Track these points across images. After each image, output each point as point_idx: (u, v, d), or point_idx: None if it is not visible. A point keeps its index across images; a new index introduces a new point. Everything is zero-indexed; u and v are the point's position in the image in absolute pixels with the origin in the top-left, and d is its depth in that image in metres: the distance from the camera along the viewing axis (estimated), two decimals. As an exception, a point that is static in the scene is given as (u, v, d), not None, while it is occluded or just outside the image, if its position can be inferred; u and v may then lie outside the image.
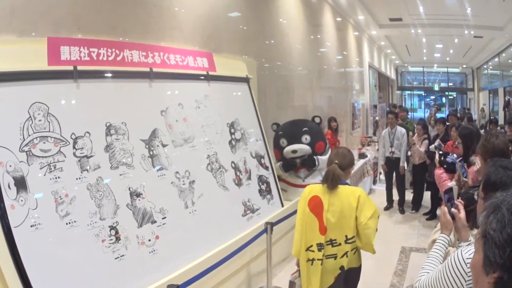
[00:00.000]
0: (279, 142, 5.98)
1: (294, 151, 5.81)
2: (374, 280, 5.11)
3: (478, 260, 1.27)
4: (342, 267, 3.12)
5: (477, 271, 1.29)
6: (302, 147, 5.86)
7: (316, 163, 6.02)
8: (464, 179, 4.09)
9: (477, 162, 3.91)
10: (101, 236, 2.85)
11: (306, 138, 5.98)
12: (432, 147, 6.96)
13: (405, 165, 8.02)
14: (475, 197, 2.20)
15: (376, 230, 3.13)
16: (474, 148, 4.11)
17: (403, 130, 8.06)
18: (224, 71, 4.68)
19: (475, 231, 2.17)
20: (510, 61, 17.55)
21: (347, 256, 3.12)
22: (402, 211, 8.01)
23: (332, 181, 3.11)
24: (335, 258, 3.11)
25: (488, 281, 1.20)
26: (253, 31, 6.07)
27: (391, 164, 8.07)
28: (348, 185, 3.22)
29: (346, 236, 3.09)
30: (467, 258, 1.79)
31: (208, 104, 4.31)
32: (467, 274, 1.77)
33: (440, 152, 5.21)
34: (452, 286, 1.84)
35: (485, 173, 2.27)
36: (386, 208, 8.24)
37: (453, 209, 2.22)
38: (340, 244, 3.10)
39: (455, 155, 4.85)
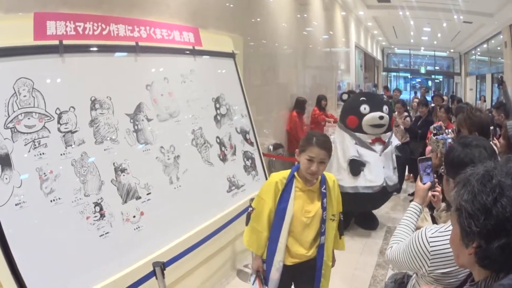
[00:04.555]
0: (359, 109, 5.70)
1: (381, 117, 5.62)
2: (360, 260, 5.23)
3: (456, 234, 1.35)
4: None
5: (456, 245, 1.37)
6: (387, 116, 5.71)
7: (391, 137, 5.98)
8: None
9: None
10: (85, 213, 2.84)
11: (386, 109, 5.82)
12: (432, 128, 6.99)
13: None
14: (441, 171, 2.24)
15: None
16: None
17: None
18: (210, 46, 4.64)
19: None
20: (499, 48, 17.48)
21: None
22: None
23: None
24: None
25: (469, 253, 1.28)
26: (240, 8, 6.02)
27: None
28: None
29: None
30: (429, 237, 1.86)
31: (193, 79, 4.28)
32: (430, 253, 1.85)
33: (434, 132, 5.24)
34: (416, 263, 1.91)
35: None
36: None
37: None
38: None
39: (449, 134, 4.83)
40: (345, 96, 6.49)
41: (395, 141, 6.18)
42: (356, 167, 5.61)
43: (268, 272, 2.94)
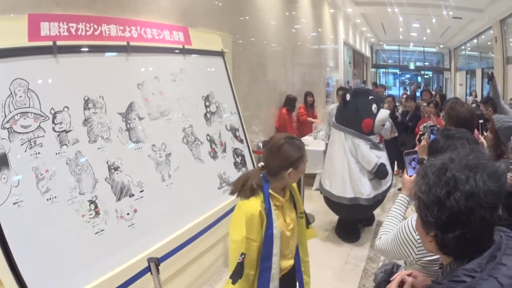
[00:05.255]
0: (371, 108, 5.33)
1: (390, 114, 5.47)
2: (351, 254, 5.31)
3: (418, 221, 1.43)
4: None
5: (420, 232, 1.45)
6: None
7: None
8: None
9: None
10: (81, 211, 2.90)
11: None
12: (423, 127, 7.02)
13: None
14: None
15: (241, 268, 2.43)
16: None
17: None
18: (200, 45, 4.69)
19: None
20: (489, 43, 17.62)
21: None
22: None
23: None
24: None
25: (429, 240, 1.36)
26: (228, 6, 6.07)
27: None
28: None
29: None
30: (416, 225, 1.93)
31: (183, 78, 4.33)
32: (417, 241, 1.90)
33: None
34: (405, 251, 1.98)
35: None
36: None
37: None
38: None
39: None
40: (348, 97, 5.54)
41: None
42: (384, 170, 5.25)
43: None
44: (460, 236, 1.25)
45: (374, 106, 5.31)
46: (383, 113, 5.35)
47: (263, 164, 2.53)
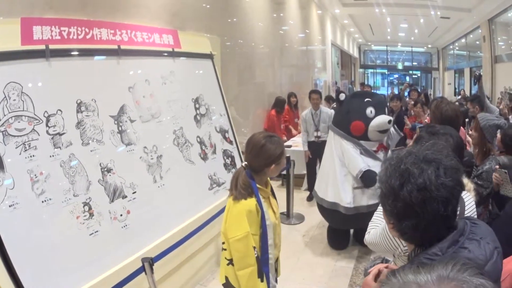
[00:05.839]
0: (366, 112, 4.91)
1: (390, 121, 4.86)
2: (341, 252, 5.37)
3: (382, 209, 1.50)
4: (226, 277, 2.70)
5: (384, 219, 1.53)
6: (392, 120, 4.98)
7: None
8: None
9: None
10: (75, 212, 2.93)
11: (386, 110, 5.19)
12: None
13: None
14: None
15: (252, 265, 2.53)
16: None
17: (330, 111, 7.28)
18: (189, 47, 4.74)
19: None
20: (477, 42, 17.78)
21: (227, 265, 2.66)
22: None
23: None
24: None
25: (390, 227, 1.45)
26: (216, 9, 6.13)
27: (318, 148, 6.76)
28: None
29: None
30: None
31: (173, 80, 4.38)
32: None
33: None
34: (392, 244, 2.04)
35: None
36: (310, 198, 7.28)
37: None
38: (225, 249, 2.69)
39: None
40: (342, 96, 5.31)
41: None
42: (371, 178, 4.73)
43: None
44: (415, 225, 1.34)
45: (370, 110, 4.90)
46: (380, 119, 4.86)
47: (246, 163, 2.64)
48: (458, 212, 1.43)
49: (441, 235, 1.36)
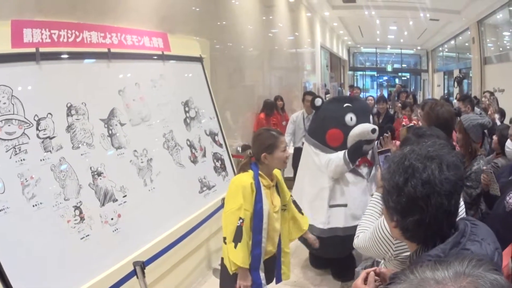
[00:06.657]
0: (345, 119, 4.22)
1: (374, 130, 4.11)
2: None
3: (384, 209, 1.54)
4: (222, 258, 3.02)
5: (387, 219, 1.56)
6: (377, 129, 4.19)
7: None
8: None
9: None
10: (66, 216, 2.91)
11: (371, 118, 4.55)
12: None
13: None
14: None
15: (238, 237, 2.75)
16: None
17: None
18: (179, 51, 4.74)
19: None
20: (466, 44, 17.86)
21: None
22: None
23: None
24: None
25: (393, 226, 1.47)
26: (206, 12, 6.12)
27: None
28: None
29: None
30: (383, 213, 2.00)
31: (163, 83, 4.38)
32: (394, 238, 1.93)
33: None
34: (382, 248, 2.04)
35: None
36: None
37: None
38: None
39: None
40: (318, 102, 4.56)
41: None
42: (357, 147, 4.13)
43: (258, 279, 2.88)
44: (419, 220, 1.36)
45: (350, 116, 4.22)
46: (361, 127, 4.16)
47: (250, 151, 3.03)
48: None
49: (444, 233, 1.39)
